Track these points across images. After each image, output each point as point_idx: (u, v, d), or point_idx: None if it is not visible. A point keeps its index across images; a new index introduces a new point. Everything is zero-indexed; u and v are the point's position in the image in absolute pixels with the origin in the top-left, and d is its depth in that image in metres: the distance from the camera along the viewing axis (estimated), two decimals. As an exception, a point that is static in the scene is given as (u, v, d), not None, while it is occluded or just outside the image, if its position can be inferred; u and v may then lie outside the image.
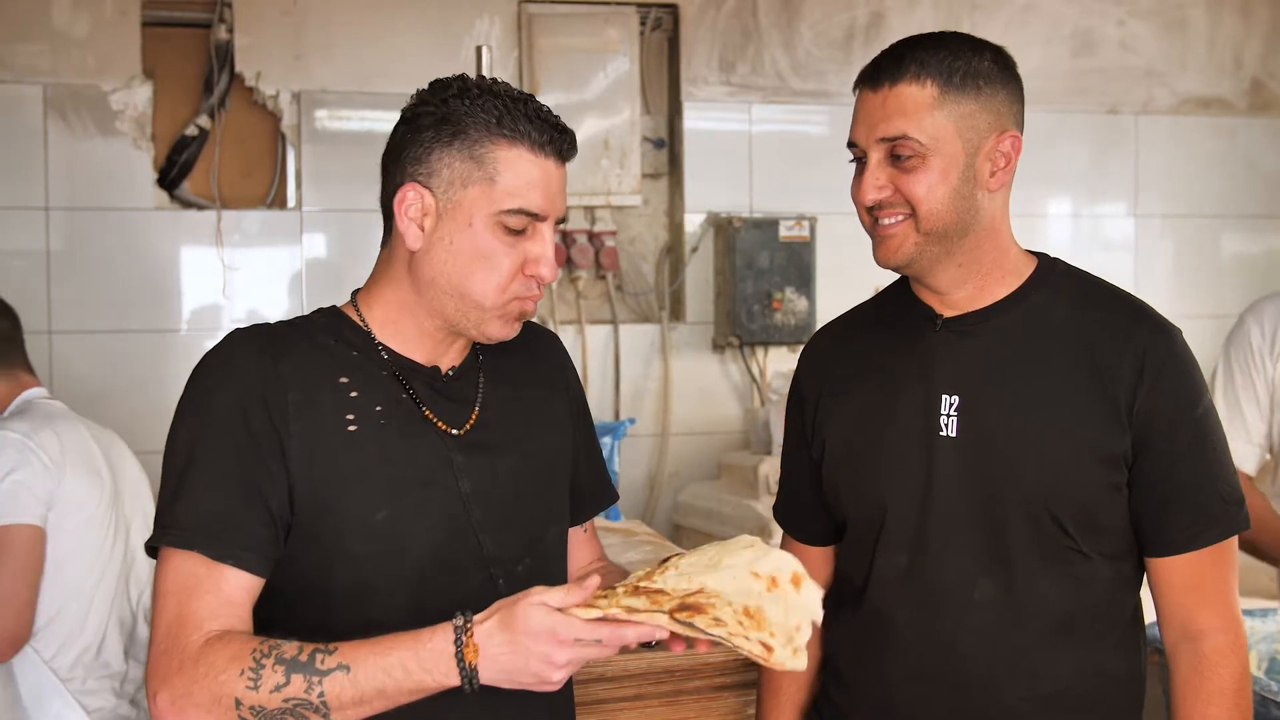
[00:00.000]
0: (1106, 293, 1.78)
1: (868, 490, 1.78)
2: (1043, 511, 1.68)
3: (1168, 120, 4.82)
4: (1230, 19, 4.87)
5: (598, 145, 4.29)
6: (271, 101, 4.06)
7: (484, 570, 1.57)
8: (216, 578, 1.45)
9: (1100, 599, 1.73)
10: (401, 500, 1.53)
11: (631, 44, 4.32)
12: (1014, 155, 1.72)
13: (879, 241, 1.72)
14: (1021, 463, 1.69)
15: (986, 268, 1.75)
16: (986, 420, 1.71)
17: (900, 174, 1.67)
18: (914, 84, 1.66)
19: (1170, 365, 1.71)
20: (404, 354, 1.59)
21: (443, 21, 4.16)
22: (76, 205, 3.90)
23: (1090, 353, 1.71)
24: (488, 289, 1.53)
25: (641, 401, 4.36)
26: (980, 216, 1.72)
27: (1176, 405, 1.70)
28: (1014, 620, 1.70)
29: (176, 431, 1.52)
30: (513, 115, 1.53)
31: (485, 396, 1.64)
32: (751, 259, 4.26)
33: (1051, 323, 1.73)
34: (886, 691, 1.77)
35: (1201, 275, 4.86)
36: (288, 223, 4.10)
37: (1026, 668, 1.71)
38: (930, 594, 1.73)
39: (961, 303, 1.76)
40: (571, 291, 4.31)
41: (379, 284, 1.61)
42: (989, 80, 1.69)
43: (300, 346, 1.55)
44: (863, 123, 1.70)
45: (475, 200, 1.52)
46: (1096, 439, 1.68)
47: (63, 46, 3.90)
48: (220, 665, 1.38)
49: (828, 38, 4.47)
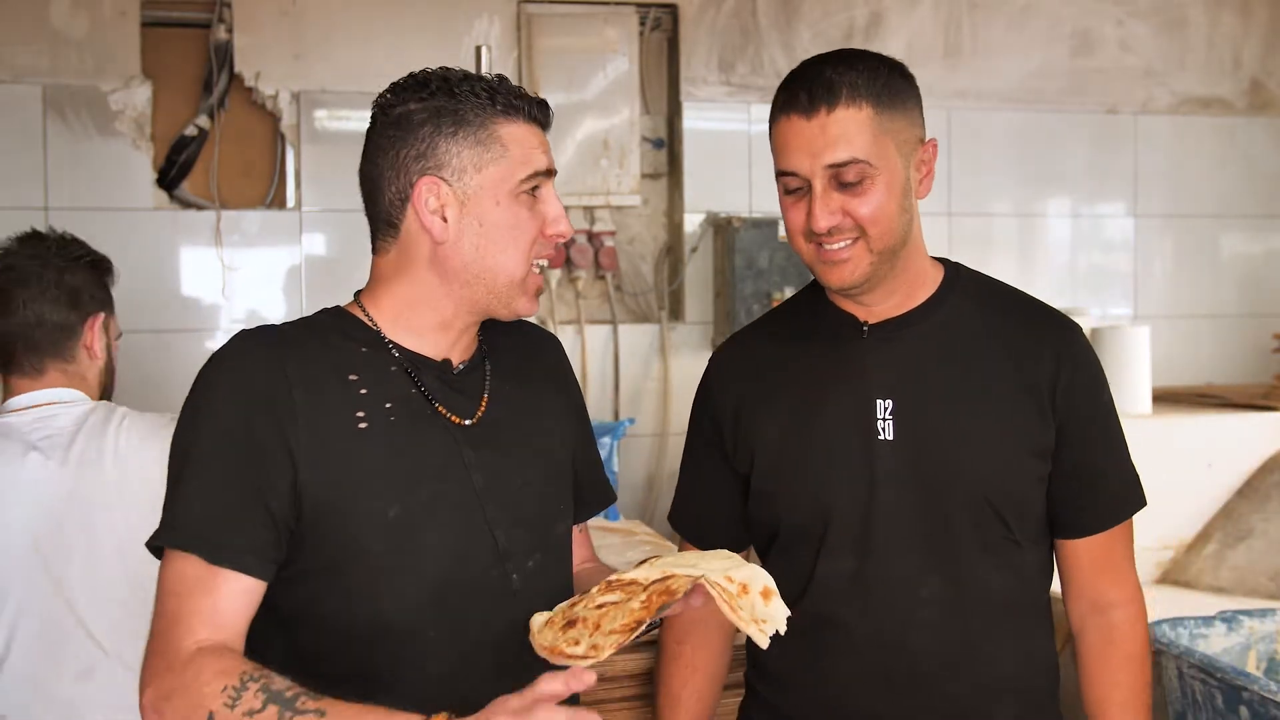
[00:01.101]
0: (1012, 294, 1.86)
1: (807, 498, 1.80)
2: (984, 505, 1.73)
3: (1167, 120, 4.82)
4: (1229, 19, 4.87)
5: (597, 145, 4.29)
6: (271, 101, 4.06)
7: (499, 565, 1.58)
8: (214, 580, 1.44)
9: (1032, 586, 1.82)
10: (413, 496, 1.53)
11: (631, 44, 4.32)
12: (933, 160, 1.78)
13: (830, 267, 1.73)
14: (960, 460, 1.73)
15: (911, 275, 1.80)
16: (922, 421, 1.75)
17: (849, 198, 1.69)
18: (850, 107, 1.68)
19: (1081, 358, 1.79)
20: (414, 349, 1.60)
21: (442, 21, 4.16)
22: (75, 205, 3.90)
23: (1011, 351, 1.77)
24: (518, 259, 1.57)
25: (641, 401, 4.36)
26: (913, 225, 1.77)
27: (1088, 396, 1.79)
28: (962, 613, 1.75)
29: (181, 433, 1.52)
30: (502, 93, 1.57)
31: (493, 390, 1.65)
32: (751, 259, 4.26)
33: (970, 325, 1.79)
34: (837, 692, 1.80)
35: (1201, 275, 4.87)
36: (287, 223, 4.10)
37: (974, 659, 1.76)
38: (878, 595, 1.76)
39: (885, 311, 1.80)
40: (571, 291, 4.31)
41: (389, 286, 1.61)
42: (905, 92, 1.74)
43: (308, 345, 1.55)
44: (801, 151, 1.70)
45: (494, 180, 1.56)
46: (1028, 433, 1.75)
47: (61, 47, 3.90)
48: (205, 677, 1.38)
49: (827, 38, 4.47)
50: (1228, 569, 3.53)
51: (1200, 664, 2.41)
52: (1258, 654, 2.69)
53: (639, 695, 2.39)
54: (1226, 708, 2.36)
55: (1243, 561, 3.53)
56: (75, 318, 2.36)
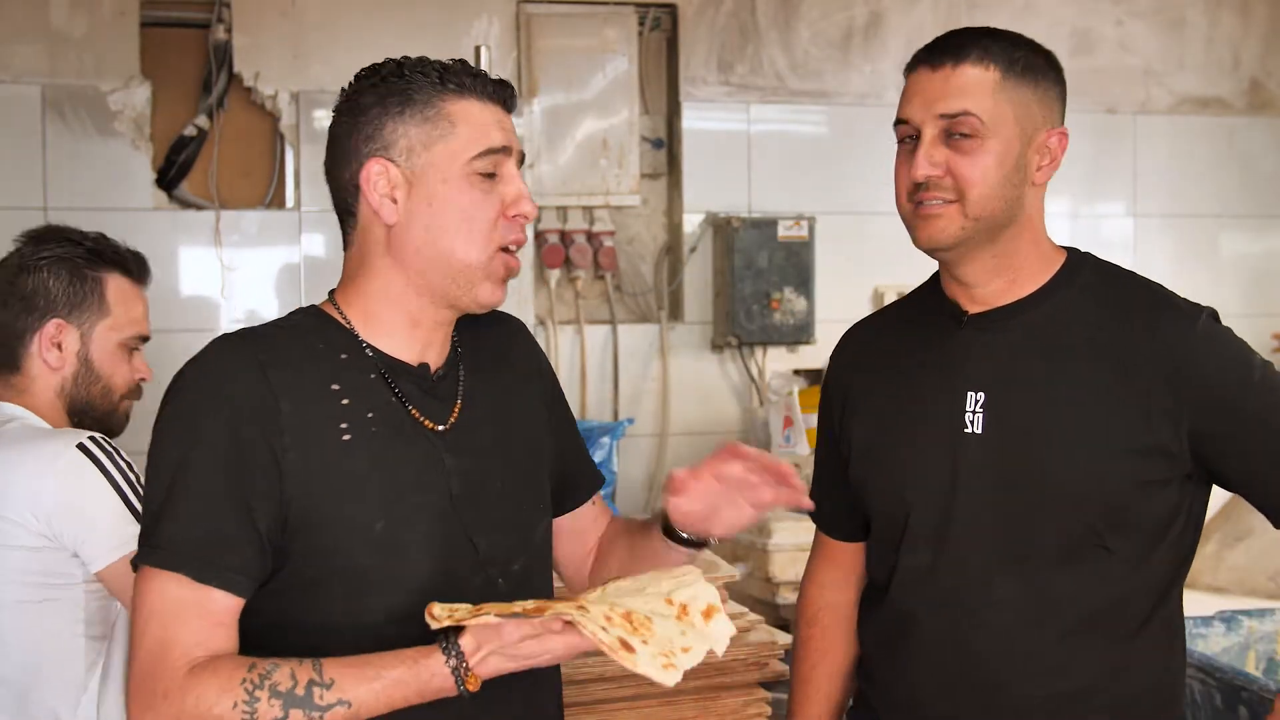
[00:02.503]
0: (1138, 286, 1.77)
1: (892, 488, 1.78)
2: (1069, 508, 1.67)
3: (1166, 120, 4.82)
4: (1228, 19, 4.86)
5: (596, 145, 4.28)
6: (270, 101, 4.06)
7: (481, 572, 1.56)
8: (203, 600, 1.41)
9: (1126, 598, 1.71)
10: (397, 508, 1.50)
11: (630, 44, 4.32)
12: (1060, 153, 1.73)
13: (922, 222, 1.69)
14: (1048, 459, 1.67)
15: (1019, 262, 1.74)
16: (1013, 417, 1.69)
17: (956, 155, 1.66)
18: (978, 66, 1.67)
19: (1203, 346, 1.68)
20: (390, 353, 1.56)
21: (441, 22, 4.16)
22: (75, 205, 3.89)
23: (1116, 347, 1.69)
24: (474, 242, 1.52)
25: (640, 401, 4.35)
26: (1023, 210, 1.71)
27: (1225, 380, 1.67)
28: (1034, 618, 1.69)
29: (161, 446, 1.47)
30: (453, 72, 1.54)
31: (466, 394, 1.62)
32: (750, 259, 4.26)
33: (1081, 317, 1.72)
34: (911, 691, 1.77)
35: (1200, 275, 4.86)
36: (286, 223, 4.09)
37: (1046, 666, 1.69)
38: (950, 592, 1.72)
39: (989, 298, 1.75)
40: (570, 291, 4.31)
41: (356, 280, 1.59)
42: (1044, 74, 1.71)
43: (290, 353, 1.51)
44: (918, 98, 1.69)
45: (442, 158, 1.52)
46: (1124, 434, 1.66)
47: (61, 47, 3.89)
48: (210, 698, 1.35)
49: (826, 38, 4.46)
50: (1226, 569, 3.53)
51: (1199, 664, 2.41)
52: (1257, 654, 2.69)
53: (640, 695, 2.39)
54: (1225, 708, 2.36)
55: (1242, 561, 3.53)
56: (24, 323, 2.13)
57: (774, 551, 3.35)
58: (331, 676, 1.36)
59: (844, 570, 1.94)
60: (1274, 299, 4.93)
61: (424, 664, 1.37)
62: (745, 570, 3.39)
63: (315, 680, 1.36)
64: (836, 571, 1.95)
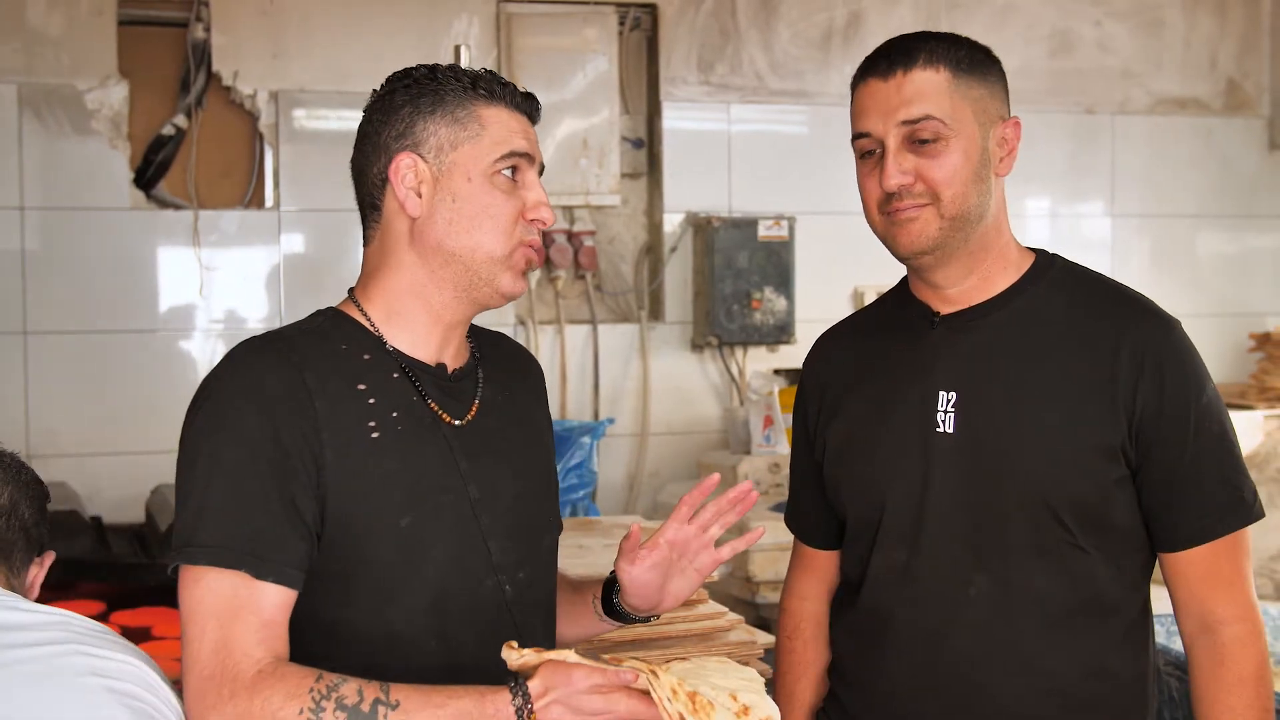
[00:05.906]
0: (1104, 287, 1.79)
1: (865, 488, 1.79)
2: (1041, 506, 1.68)
3: (1144, 120, 4.85)
4: (1206, 20, 4.89)
5: (576, 145, 4.28)
6: (249, 101, 4.04)
7: (493, 576, 1.59)
8: (258, 597, 1.42)
9: (1100, 595, 1.72)
10: (422, 506, 1.54)
11: (610, 44, 4.32)
12: (1015, 142, 1.76)
13: (900, 229, 1.70)
14: (1019, 457, 1.69)
15: (990, 259, 1.76)
16: (984, 415, 1.71)
17: (923, 159, 1.68)
18: (928, 69, 1.68)
19: (1170, 359, 1.70)
20: (411, 353, 1.60)
21: (421, 21, 4.15)
22: (52, 205, 3.87)
23: (1087, 347, 1.71)
24: (496, 236, 1.58)
25: (620, 401, 4.36)
26: (992, 203, 1.73)
27: (1178, 398, 1.69)
28: (1008, 616, 1.71)
29: (198, 447, 1.49)
30: (485, 81, 1.60)
31: (484, 397, 1.66)
32: (730, 259, 4.26)
33: (1050, 316, 1.74)
34: (890, 689, 1.78)
35: (1178, 274, 4.89)
36: (265, 223, 4.08)
37: (1021, 664, 1.71)
38: (925, 590, 1.73)
39: (959, 298, 1.76)
40: (550, 291, 4.31)
41: (377, 276, 1.62)
42: (989, 68, 1.74)
43: (318, 353, 1.55)
44: (874, 110, 1.70)
45: (468, 158, 1.57)
46: (1094, 432, 1.68)
47: (37, 45, 3.87)
48: (277, 701, 1.37)
49: (806, 38, 4.47)
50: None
51: (1178, 662, 2.42)
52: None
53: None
54: (1204, 705, 2.37)
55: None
56: None
57: (753, 551, 3.35)
58: (398, 699, 1.38)
59: (823, 580, 1.95)
60: (1250, 299, 4.97)
61: (490, 699, 1.39)
62: (725, 570, 3.39)
63: (381, 700, 1.37)
64: (817, 582, 1.95)
